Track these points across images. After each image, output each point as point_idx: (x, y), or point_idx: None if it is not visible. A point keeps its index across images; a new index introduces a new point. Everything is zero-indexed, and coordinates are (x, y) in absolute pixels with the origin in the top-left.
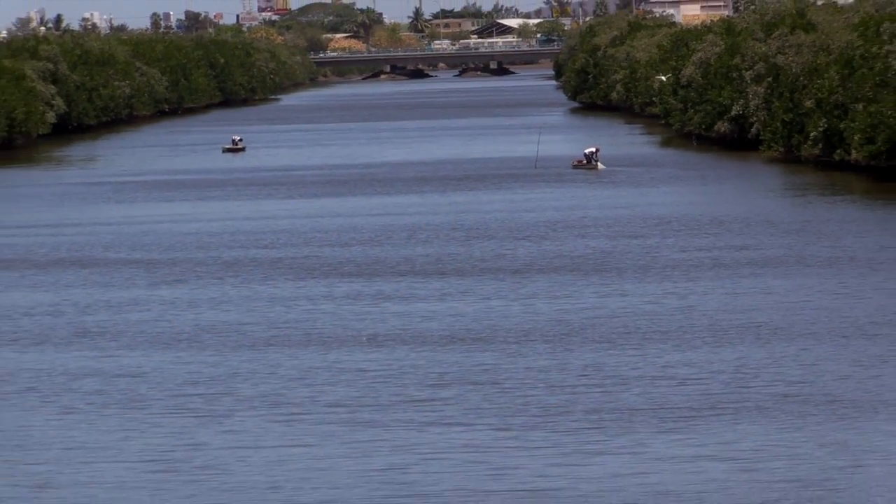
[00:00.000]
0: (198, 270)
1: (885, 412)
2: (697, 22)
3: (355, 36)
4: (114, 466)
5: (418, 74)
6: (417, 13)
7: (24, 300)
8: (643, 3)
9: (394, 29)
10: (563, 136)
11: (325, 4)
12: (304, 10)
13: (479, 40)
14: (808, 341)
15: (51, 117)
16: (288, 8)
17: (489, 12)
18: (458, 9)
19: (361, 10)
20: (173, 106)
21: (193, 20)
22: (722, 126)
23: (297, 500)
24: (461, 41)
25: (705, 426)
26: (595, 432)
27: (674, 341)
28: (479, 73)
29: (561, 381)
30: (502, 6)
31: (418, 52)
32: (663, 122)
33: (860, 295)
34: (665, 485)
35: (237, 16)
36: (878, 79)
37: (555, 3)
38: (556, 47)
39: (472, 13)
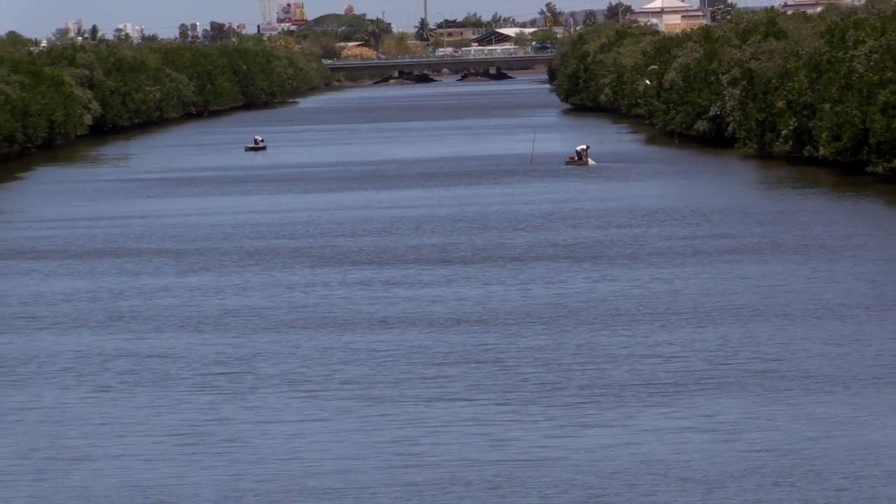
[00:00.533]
0: (222, 259)
1: (854, 387)
2: (678, 30)
3: (366, 44)
4: (145, 440)
5: (424, 79)
6: (423, 23)
7: (62, 287)
8: (629, 14)
9: (401, 38)
10: (557, 135)
11: (338, 16)
12: (319, 21)
13: (479, 48)
14: (783, 322)
15: (88, 119)
16: (304, 19)
17: (488, 22)
18: (459, 19)
19: (372, 21)
20: (200, 109)
21: (218, 30)
22: (701, 125)
23: (315, 470)
24: (463, 48)
25: (689, 400)
26: (588, 406)
27: (660, 322)
28: (479, 77)
29: (556, 359)
30: (500, 16)
31: (424, 59)
32: (648, 121)
33: (830, 279)
34: (653, 454)
35: (258, 26)
36: (843, 82)
37: (548, 14)
38: (549, 54)
39: (473, 23)
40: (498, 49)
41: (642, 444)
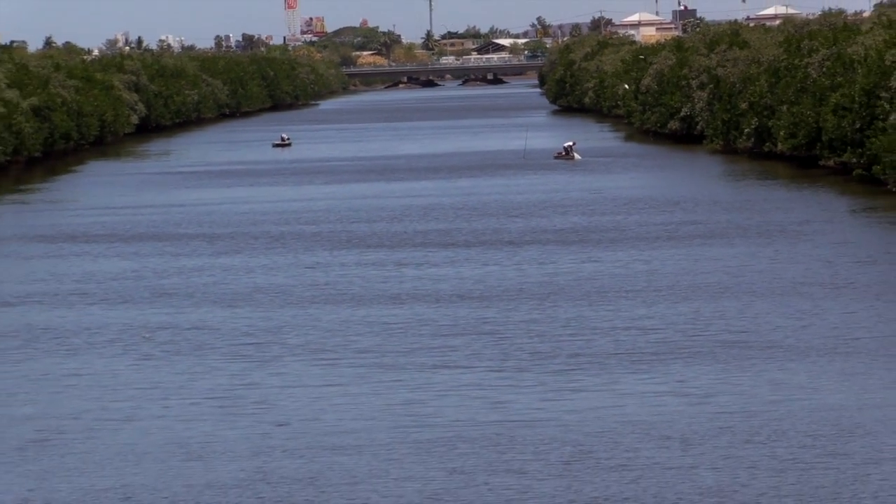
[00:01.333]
0: (251, 243)
1: (812, 355)
2: (653, 41)
3: (379, 53)
4: (184, 402)
5: (429, 84)
6: (429, 35)
7: (111, 267)
8: (610, 26)
9: (410, 47)
10: (546, 133)
11: (354, 28)
12: (337, 33)
13: (478, 56)
14: (749, 298)
15: (134, 119)
16: (325, 31)
17: (486, 34)
18: (461, 31)
19: (384, 33)
20: (232, 110)
21: (249, 41)
22: (673, 124)
23: (335, 429)
24: (464, 57)
25: (666, 367)
26: (576, 373)
27: (640, 298)
28: (478, 82)
29: (547, 331)
30: (497, 29)
31: (429, 66)
32: (626, 121)
33: (790, 260)
34: (634, 415)
35: (284, 37)
36: (798, 86)
37: (539, 27)
38: (539, 62)
39: (473, 34)
40: (495, 57)
41: (625, 407)
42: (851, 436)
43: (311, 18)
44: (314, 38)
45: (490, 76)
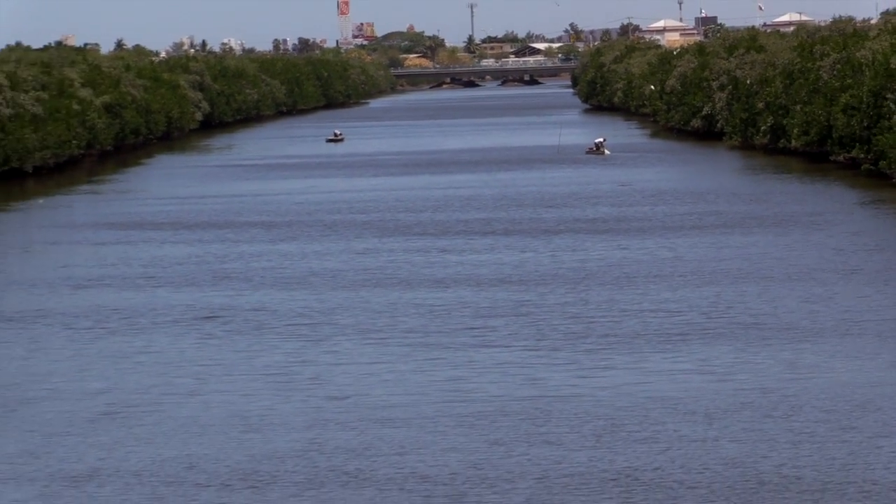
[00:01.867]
0: (306, 230)
1: (825, 336)
2: (677, 45)
3: (424, 56)
4: (243, 378)
5: (471, 84)
6: (470, 39)
7: (176, 252)
8: (637, 31)
9: (453, 51)
10: (578, 130)
11: (401, 32)
12: (386, 37)
13: (516, 59)
14: (766, 283)
15: (198, 116)
16: (374, 35)
17: (523, 38)
18: (500, 35)
19: (429, 37)
20: (289, 108)
21: (304, 44)
22: (695, 122)
23: (383, 403)
24: (502, 59)
25: (690, 347)
26: (607, 352)
27: (665, 283)
28: (515, 83)
29: (580, 313)
30: (533, 34)
31: (471, 68)
32: (652, 119)
33: (804, 248)
34: (661, 391)
35: (337, 41)
36: (811, 87)
37: (572, 32)
38: (572, 64)
39: (511, 39)
40: (531, 60)
41: (652, 383)
42: (864, 411)
43: (361, 24)
44: (365, 42)
45: (527, 77)
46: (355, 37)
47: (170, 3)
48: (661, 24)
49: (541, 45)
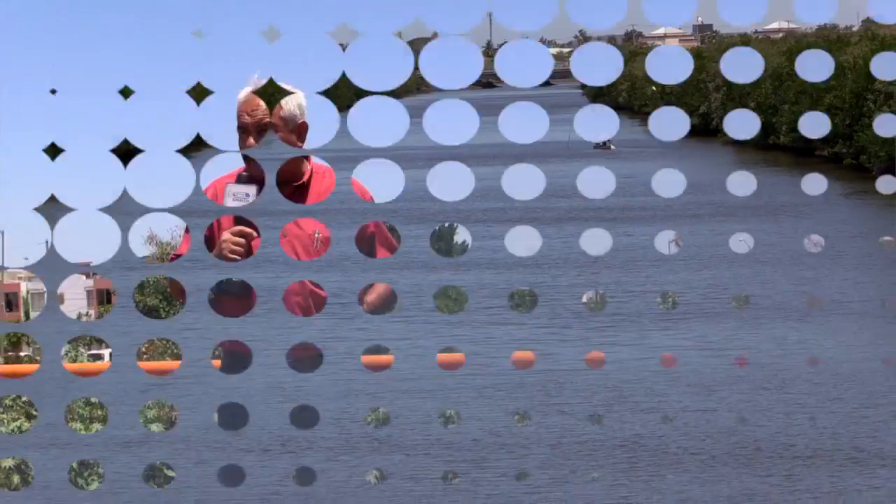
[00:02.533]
0: (338, 218)
1: (813, 315)
2: None
3: None
4: (281, 351)
5: (489, 86)
6: (489, 44)
7: None
8: (640, 38)
9: None
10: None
11: (426, 38)
12: (411, 43)
13: None
14: (759, 266)
15: None
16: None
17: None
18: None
19: None
20: None
21: None
22: (693, 120)
23: (409, 377)
24: None
25: (688, 324)
26: (613, 329)
27: (666, 266)
28: None
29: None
30: (545, 39)
31: (490, 70)
32: None
33: (794, 234)
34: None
35: None
36: (798, 88)
37: (581, 38)
38: None
39: None
40: None
41: (655, 358)
42: (850, 383)
43: None
44: None
45: None
46: None
47: None
48: (661, 31)
49: (553, 50)
